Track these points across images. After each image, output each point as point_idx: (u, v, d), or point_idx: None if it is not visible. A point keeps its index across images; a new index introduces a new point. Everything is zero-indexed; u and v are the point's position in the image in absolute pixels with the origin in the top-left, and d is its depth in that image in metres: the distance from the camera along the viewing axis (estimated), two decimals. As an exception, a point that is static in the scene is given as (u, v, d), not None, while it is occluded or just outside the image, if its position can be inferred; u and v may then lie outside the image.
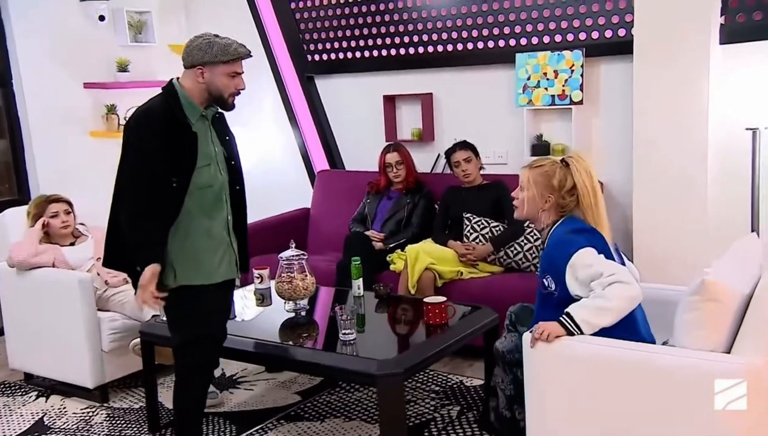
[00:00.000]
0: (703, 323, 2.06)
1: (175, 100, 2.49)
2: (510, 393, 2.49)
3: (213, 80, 2.48)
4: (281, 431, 3.08)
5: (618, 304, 2.15)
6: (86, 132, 4.79)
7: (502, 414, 2.54)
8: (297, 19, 4.86)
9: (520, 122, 4.13)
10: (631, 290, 2.16)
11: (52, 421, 3.32)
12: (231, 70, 2.49)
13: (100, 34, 4.79)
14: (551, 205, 2.40)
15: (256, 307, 3.34)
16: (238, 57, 2.49)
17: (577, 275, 2.24)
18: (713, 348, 2.05)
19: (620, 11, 3.81)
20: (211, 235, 2.57)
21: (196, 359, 2.61)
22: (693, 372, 1.99)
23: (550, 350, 2.20)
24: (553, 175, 2.39)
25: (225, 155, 2.62)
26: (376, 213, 4.23)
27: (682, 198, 3.54)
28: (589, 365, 2.17)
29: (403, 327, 3.16)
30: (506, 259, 3.76)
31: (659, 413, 2.04)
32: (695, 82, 3.44)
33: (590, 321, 2.16)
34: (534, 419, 2.28)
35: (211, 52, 2.45)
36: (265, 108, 5.14)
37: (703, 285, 2.04)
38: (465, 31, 4.27)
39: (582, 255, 2.23)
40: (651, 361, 2.07)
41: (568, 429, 2.22)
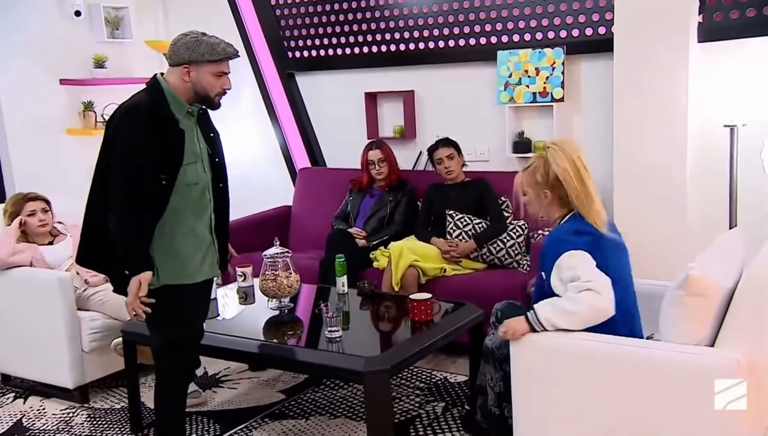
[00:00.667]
0: (687, 317, 2.09)
1: (160, 96, 2.45)
2: (499, 390, 2.49)
3: (199, 79, 2.44)
4: (266, 429, 3.06)
5: (583, 311, 2.13)
6: (63, 130, 4.72)
7: (491, 411, 2.54)
8: (277, 16, 4.83)
9: (502, 119, 4.15)
10: (601, 301, 2.12)
11: (31, 422, 3.27)
12: (218, 70, 2.46)
13: (76, 30, 4.72)
14: (551, 200, 2.37)
15: (239, 305, 3.32)
16: (225, 57, 2.46)
17: (561, 275, 2.23)
18: (698, 342, 2.08)
19: (600, 9, 3.84)
20: (195, 233, 2.54)
21: (177, 361, 2.57)
22: (678, 366, 2.02)
23: (533, 345, 2.21)
24: (537, 171, 2.37)
25: (209, 153, 2.59)
26: (358, 210, 4.22)
27: (661, 194, 3.58)
28: (575, 360, 2.19)
29: (389, 324, 3.16)
30: (489, 255, 3.78)
31: (645, 407, 2.07)
32: (674, 80, 3.48)
33: (552, 321, 2.17)
34: (521, 415, 2.30)
35: (199, 51, 2.41)
36: (245, 105, 5.11)
37: (688, 280, 2.07)
38: (447, 28, 4.28)
39: (570, 256, 2.22)
40: (636, 355, 2.10)
41: (554, 424, 2.24)
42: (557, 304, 2.20)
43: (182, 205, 2.48)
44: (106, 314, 3.46)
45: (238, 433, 3.04)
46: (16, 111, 4.47)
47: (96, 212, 2.49)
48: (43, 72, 4.59)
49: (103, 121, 4.83)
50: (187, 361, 2.62)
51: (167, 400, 2.61)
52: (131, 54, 5.01)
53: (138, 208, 2.38)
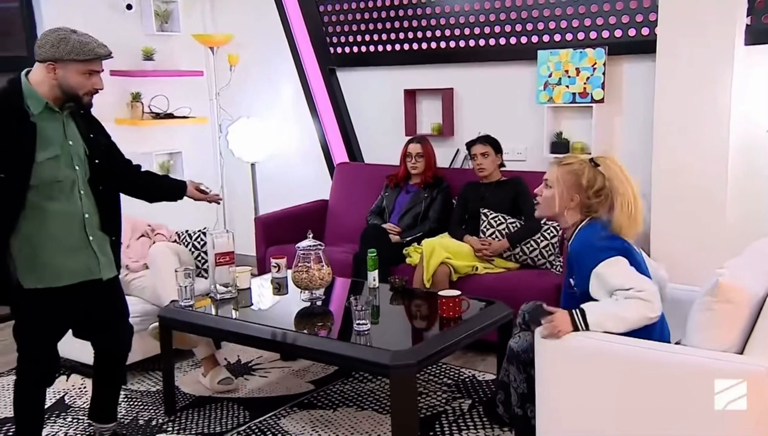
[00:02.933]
0: (716, 323, 2.05)
1: (17, 89, 2.37)
2: (522, 391, 2.49)
3: (66, 78, 2.35)
4: (294, 418, 3.11)
5: (634, 317, 2.13)
6: (112, 119, 4.84)
7: (515, 412, 2.54)
8: (321, 12, 4.88)
9: (540, 119, 4.12)
10: (651, 311, 2.13)
11: (72, 400, 3.38)
12: (86, 69, 2.36)
13: (127, 23, 4.84)
14: (576, 205, 2.36)
15: (273, 295, 3.37)
16: (94, 57, 2.36)
17: (602, 283, 2.20)
18: (726, 348, 2.04)
19: (644, 10, 3.78)
20: (61, 233, 2.44)
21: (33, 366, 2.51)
22: (704, 372, 1.99)
23: (561, 347, 2.20)
24: (582, 175, 2.33)
25: (87, 153, 2.50)
26: (393, 206, 4.24)
27: (701, 198, 3.51)
28: (601, 363, 2.17)
29: (417, 320, 3.17)
30: (522, 255, 3.76)
31: (670, 412, 2.04)
32: (718, 83, 3.41)
33: (601, 323, 2.16)
34: (544, 417, 2.29)
35: (65, 49, 2.32)
36: (286, 99, 5.18)
37: (717, 286, 2.03)
38: (488, 26, 4.26)
39: (610, 264, 2.19)
40: (664, 360, 2.07)
41: (578, 426, 2.23)
42: (608, 310, 2.17)
43: (45, 204, 2.39)
44: (145, 300, 3.54)
45: (267, 420, 3.09)
46: (67, 100, 4.61)
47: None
48: (94, 63, 4.72)
49: (151, 112, 4.96)
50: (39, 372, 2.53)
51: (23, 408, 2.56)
52: (178, 47, 5.13)
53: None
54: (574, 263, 2.32)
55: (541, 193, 2.45)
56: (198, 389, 3.41)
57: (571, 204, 2.36)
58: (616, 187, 2.28)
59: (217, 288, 3.25)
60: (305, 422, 3.06)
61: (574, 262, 2.33)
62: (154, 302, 3.48)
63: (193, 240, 3.93)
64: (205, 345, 3.42)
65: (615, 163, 2.34)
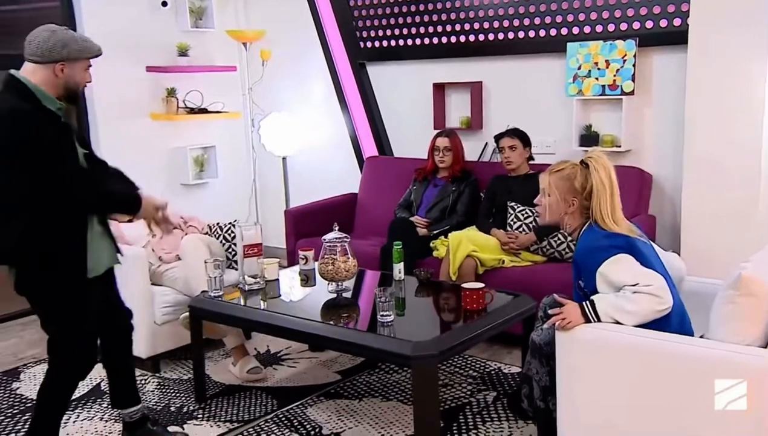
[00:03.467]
0: (739, 316, 2.03)
1: (30, 96, 2.38)
2: (545, 384, 2.48)
3: (74, 75, 2.43)
4: (320, 407, 3.15)
5: (642, 313, 2.15)
6: (147, 114, 4.96)
7: (537, 405, 2.54)
8: (351, 6, 4.90)
9: (570, 112, 4.08)
10: (660, 305, 2.14)
11: (107, 387, 3.46)
12: (88, 65, 2.49)
13: (163, 20, 4.93)
14: (576, 209, 2.39)
15: (301, 287, 3.42)
16: (98, 53, 2.49)
17: (608, 281, 2.23)
18: (749, 342, 2.01)
19: (676, 0, 3.71)
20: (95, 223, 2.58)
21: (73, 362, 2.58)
22: (725, 364, 1.97)
23: (580, 340, 2.20)
24: (575, 178, 2.38)
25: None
26: (421, 200, 4.25)
27: (733, 191, 3.45)
28: (621, 356, 2.16)
29: (441, 312, 3.18)
30: (549, 249, 3.74)
31: (692, 404, 2.02)
32: (752, 75, 3.34)
33: (611, 316, 2.18)
34: (565, 409, 2.28)
35: (75, 48, 2.40)
36: (317, 94, 5.22)
37: (740, 279, 2.01)
38: (516, 19, 4.24)
39: (613, 262, 2.21)
40: (684, 352, 2.05)
41: (597, 418, 2.22)
42: (617, 303, 2.18)
43: None
44: (177, 290, 3.62)
45: (294, 409, 3.14)
46: (106, 96, 4.71)
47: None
48: (131, 59, 4.81)
49: (185, 107, 5.05)
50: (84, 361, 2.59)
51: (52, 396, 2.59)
52: (212, 43, 5.20)
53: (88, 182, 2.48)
54: (581, 265, 2.34)
55: (540, 202, 2.48)
56: (228, 378, 3.47)
57: (571, 209, 2.40)
58: (595, 186, 2.32)
59: (246, 279, 3.31)
60: (331, 412, 3.10)
61: (581, 263, 2.35)
62: (185, 293, 3.55)
63: (224, 232, 4.00)
64: (234, 335, 3.49)
65: (601, 162, 2.35)
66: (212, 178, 5.29)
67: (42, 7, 4.65)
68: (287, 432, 2.94)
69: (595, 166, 2.35)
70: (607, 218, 2.32)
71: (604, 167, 2.35)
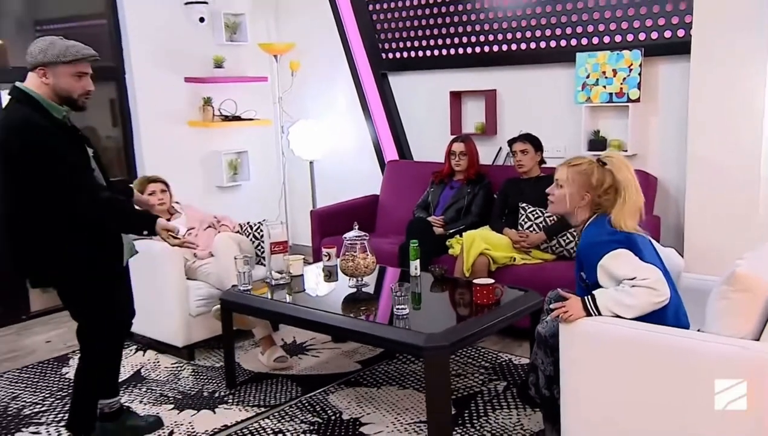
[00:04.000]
0: (733, 311, 2.00)
1: (36, 105, 2.34)
2: (549, 373, 2.48)
3: (58, 81, 2.34)
4: (341, 394, 3.17)
5: (641, 305, 2.13)
6: (185, 121, 5.03)
7: (542, 393, 2.54)
8: (374, 20, 4.93)
9: (579, 118, 4.06)
10: (656, 297, 2.12)
11: (147, 372, 3.53)
12: (75, 71, 2.34)
13: (200, 34, 5.00)
14: (587, 203, 2.37)
15: (324, 282, 3.44)
16: (81, 58, 2.34)
17: (608, 274, 2.21)
18: (743, 336, 1.99)
19: (680, 12, 3.67)
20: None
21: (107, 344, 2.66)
22: (722, 357, 1.94)
23: (582, 333, 2.19)
24: (592, 174, 2.34)
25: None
26: (438, 201, 4.25)
27: (734, 193, 3.40)
28: (622, 348, 2.14)
29: (454, 306, 3.18)
30: (558, 247, 3.71)
31: (688, 395, 2.00)
32: (752, 83, 3.29)
33: (611, 310, 2.17)
34: (568, 398, 2.27)
35: (53, 53, 2.31)
36: (342, 102, 5.25)
37: (734, 276, 1.98)
38: (528, 31, 4.22)
39: (613, 257, 2.19)
40: (681, 345, 2.03)
41: (599, 406, 2.21)
42: (616, 297, 2.17)
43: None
44: (210, 284, 3.66)
45: (316, 396, 3.16)
46: (147, 105, 4.80)
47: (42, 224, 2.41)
48: (171, 71, 4.89)
49: (220, 115, 5.11)
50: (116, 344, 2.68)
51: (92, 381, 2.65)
52: (245, 55, 5.26)
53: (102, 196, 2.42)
54: (583, 258, 2.32)
55: (553, 193, 2.45)
56: (257, 366, 3.51)
57: (582, 202, 2.37)
58: (622, 184, 2.28)
59: (273, 274, 3.34)
60: (351, 398, 3.12)
61: (583, 256, 2.33)
62: (218, 287, 3.60)
63: (253, 231, 4.04)
64: (262, 326, 3.53)
65: (622, 161, 2.33)
66: (245, 181, 5.35)
67: (91, 25, 4.74)
68: (310, 417, 2.96)
69: (617, 164, 2.32)
70: (622, 217, 2.26)
71: (626, 165, 2.32)
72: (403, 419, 2.91)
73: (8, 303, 4.32)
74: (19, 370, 3.63)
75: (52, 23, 4.74)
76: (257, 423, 2.93)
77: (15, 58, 4.40)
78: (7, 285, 4.22)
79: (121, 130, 4.84)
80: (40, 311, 4.40)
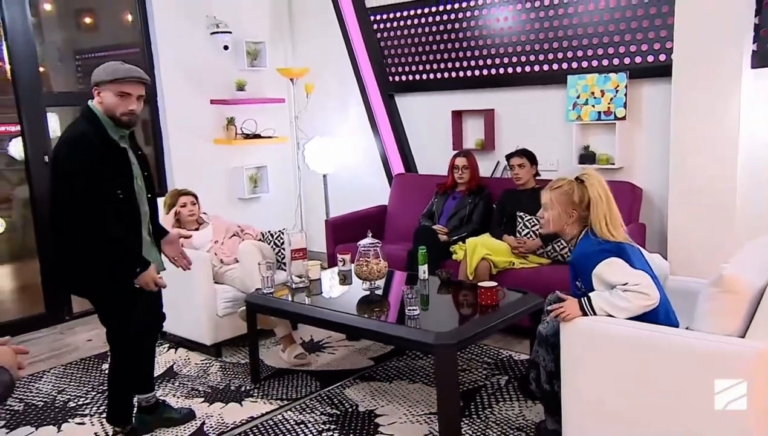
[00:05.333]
0: (720, 311, 1.99)
1: (97, 122, 2.36)
2: (550, 369, 2.46)
3: (106, 99, 2.35)
4: (356, 388, 3.16)
5: (632, 308, 2.13)
6: (211, 139, 5.04)
7: (543, 387, 2.52)
8: (381, 46, 4.93)
9: (570, 135, 4.05)
10: (647, 300, 2.12)
11: (179, 368, 3.52)
12: (118, 90, 2.33)
13: (224, 60, 5.01)
14: (575, 220, 2.36)
15: (339, 285, 3.43)
16: (123, 77, 2.33)
17: (602, 281, 2.21)
18: (730, 333, 1.97)
19: (661, 39, 3.67)
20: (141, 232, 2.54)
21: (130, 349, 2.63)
22: (712, 353, 1.93)
23: (582, 331, 2.18)
24: (573, 193, 2.35)
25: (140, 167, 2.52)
26: (442, 210, 4.24)
27: (713, 204, 3.39)
28: (619, 345, 2.13)
29: (460, 307, 3.17)
30: (553, 252, 3.70)
31: (680, 389, 1.99)
32: (728, 102, 3.29)
33: (605, 311, 2.17)
34: (569, 392, 2.26)
35: (103, 73, 2.34)
36: (353, 120, 5.25)
37: (722, 278, 1.97)
38: (523, 55, 4.22)
39: (606, 264, 2.19)
40: (674, 343, 2.02)
41: (597, 399, 2.19)
42: (610, 300, 2.16)
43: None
44: (236, 288, 3.65)
45: (334, 390, 3.15)
46: (177, 124, 4.82)
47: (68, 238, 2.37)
48: (198, 93, 4.90)
49: (242, 133, 5.12)
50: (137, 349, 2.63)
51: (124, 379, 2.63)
52: (264, 79, 5.26)
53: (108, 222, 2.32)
54: (578, 267, 2.32)
55: (542, 216, 2.45)
56: (278, 362, 3.50)
57: (570, 220, 2.37)
58: (593, 201, 2.29)
59: (293, 279, 3.34)
60: (365, 392, 3.11)
61: (578, 268, 2.32)
62: (242, 290, 3.59)
63: (274, 239, 4.04)
64: (283, 326, 3.51)
65: (595, 177, 2.33)
66: (264, 193, 5.35)
67: (126, 53, 4.77)
68: (329, 409, 2.95)
69: (590, 181, 2.33)
70: (603, 226, 2.29)
71: (598, 181, 2.33)
72: (414, 411, 2.89)
73: (52, 305, 4.31)
74: (63, 366, 3.62)
75: (92, 52, 4.76)
76: (281, 415, 2.92)
77: (57, 84, 4.43)
78: (52, 288, 4.22)
79: (153, 147, 4.85)
80: (80, 312, 4.39)
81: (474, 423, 2.75)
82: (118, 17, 4.81)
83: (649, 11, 3.69)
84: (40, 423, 2.97)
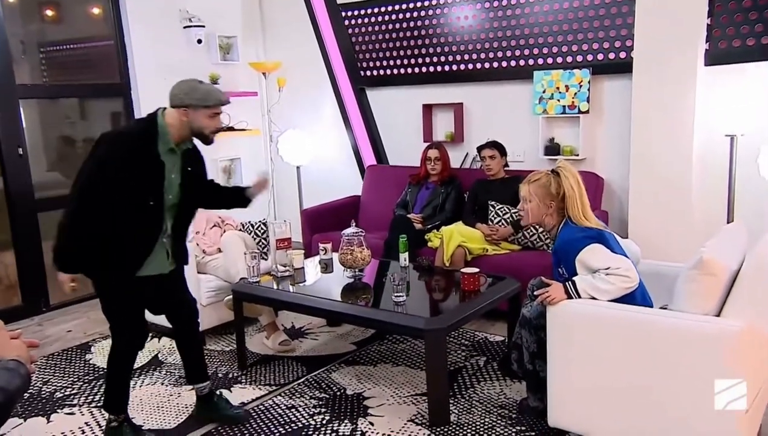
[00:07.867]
0: (699, 292, 2.02)
1: (154, 129, 2.34)
2: (533, 350, 2.47)
3: (195, 120, 2.34)
4: (342, 372, 3.11)
5: (614, 291, 2.15)
6: (185, 132, 4.84)
7: (526, 367, 2.53)
8: (353, 42, 4.85)
9: (536, 128, 4.08)
10: (628, 283, 2.15)
11: (164, 357, 3.39)
12: (211, 113, 2.37)
13: (198, 54, 4.83)
14: (554, 210, 2.36)
15: (320, 273, 3.36)
16: (218, 103, 2.38)
17: (585, 266, 2.22)
18: (707, 312, 2.01)
19: (622, 37, 3.72)
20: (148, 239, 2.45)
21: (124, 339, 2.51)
22: (690, 331, 1.97)
23: (568, 313, 2.19)
24: (550, 185, 2.35)
25: (180, 182, 2.42)
26: (416, 200, 4.21)
27: (670, 193, 3.48)
28: (602, 326, 2.14)
29: (442, 292, 3.16)
30: (523, 239, 3.73)
31: (660, 366, 2.02)
32: (683, 97, 3.37)
33: (589, 293, 2.18)
34: (554, 370, 2.27)
35: (196, 97, 2.33)
36: (325, 114, 5.15)
37: (702, 261, 2.00)
38: (491, 51, 4.22)
39: (588, 251, 2.20)
40: (655, 323, 2.05)
41: (581, 378, 2.21)
42: (594, 283, 2.18)
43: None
44: (219, 277, 3.54)
45: (320, 374, 3.09)
46: (150, 117, 4.61)
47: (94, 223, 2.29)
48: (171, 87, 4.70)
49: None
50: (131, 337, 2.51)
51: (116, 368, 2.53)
52: (237, 72, 5.11)
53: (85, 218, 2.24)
54: (561, 256, 2.31)
55: (523, 208, 2.45)
56: (263, 349, 3.41)
57: (549, 210, 2.37)
58: (567, 193, 2.31)
59: (278, 267, 3.25)
60: (352, 376, 3.06)
61: (561, 255, 2.32)
62: (226, 279, 3.48)
63: (254, 229, 3.93)
64: (267, 313, 3.42)
65: (569, 170, 2.34)
66: (238, 184, 5.18)
67: (98, 45, 4.52)
68: (318, 393, 2.89)
69: (564, 174, 2.34)
70: (578, 215, 2.31)
71: (572, 174, 2.34)
72: (401, 393, 2.86)
73: (29, 296, 4.09)
74: (46, 357, 3.43)
75: (58, 44, 4.48)
76: (271, 400, 2.84)
77: (21, 77, 4.13)
78: (28, 279, 3.99)
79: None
80: (58, 303, 4.17)
81: (459, 402, 2.74)
82: (85, 10, 4.54)
83: (610, 11, 3.73)
84: (28, 414, 2.80)
